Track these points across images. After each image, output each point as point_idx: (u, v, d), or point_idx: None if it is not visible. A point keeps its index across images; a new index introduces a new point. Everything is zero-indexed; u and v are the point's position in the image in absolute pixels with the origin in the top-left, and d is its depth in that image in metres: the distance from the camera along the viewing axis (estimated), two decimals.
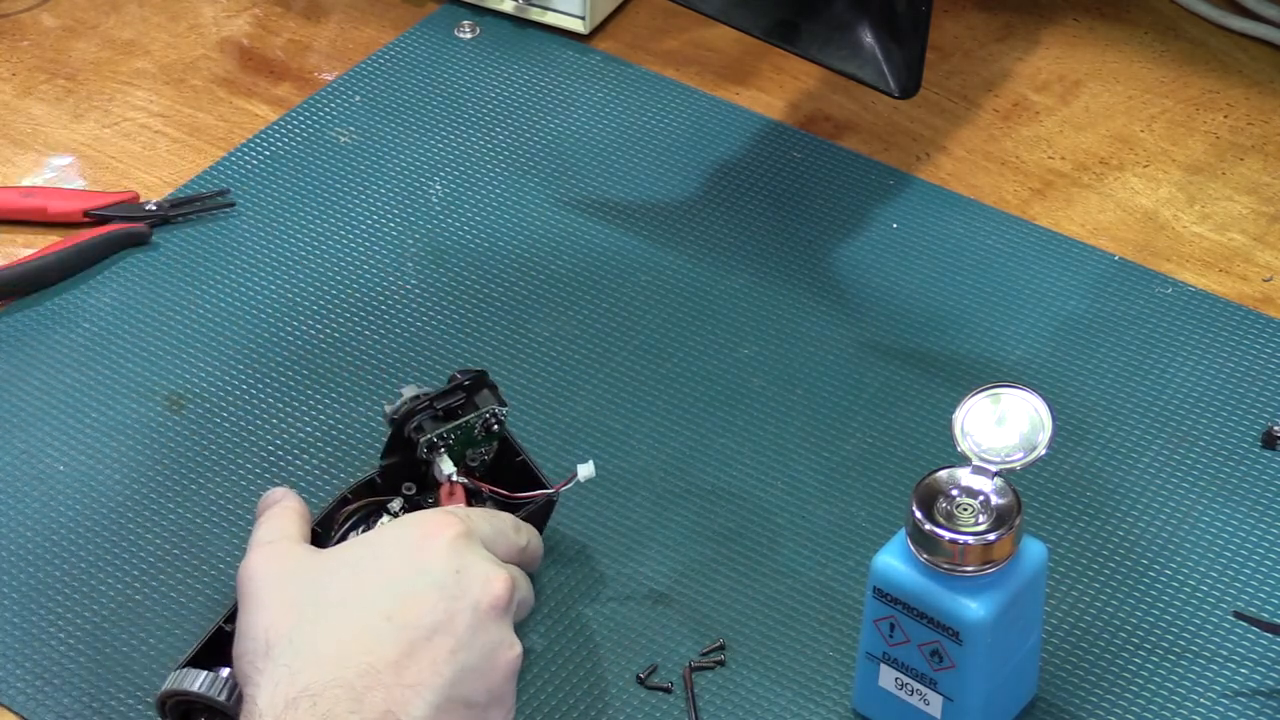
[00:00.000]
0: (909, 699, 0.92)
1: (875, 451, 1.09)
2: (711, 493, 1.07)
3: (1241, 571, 1.03)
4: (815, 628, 1.00)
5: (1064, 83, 1.36)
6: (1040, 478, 1.07)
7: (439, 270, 1.20)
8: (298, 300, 1.18)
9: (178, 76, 1.36)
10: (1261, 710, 0.96)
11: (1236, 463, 1.08)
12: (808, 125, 1.32)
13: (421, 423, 0.99)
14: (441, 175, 1.27)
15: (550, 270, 1.20)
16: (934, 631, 0.89)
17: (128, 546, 1.03)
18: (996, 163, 1.29)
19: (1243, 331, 1.16)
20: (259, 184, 1.26)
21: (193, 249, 1.22)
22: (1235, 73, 1.37)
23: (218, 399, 1.12)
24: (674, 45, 1.39)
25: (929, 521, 0.87)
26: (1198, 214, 1.25)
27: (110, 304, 1.18)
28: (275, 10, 1.42)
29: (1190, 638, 0.99)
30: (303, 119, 1.31)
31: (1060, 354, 1.15)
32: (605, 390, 1.13)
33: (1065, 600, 1.01)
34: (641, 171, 1.28)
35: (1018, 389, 0.89)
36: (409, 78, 1.35)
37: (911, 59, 1.14)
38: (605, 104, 1.33)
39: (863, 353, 1.15)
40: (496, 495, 1.01)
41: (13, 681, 0.97)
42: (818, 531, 1.05)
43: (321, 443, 1.09)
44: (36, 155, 1.29)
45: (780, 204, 1.25)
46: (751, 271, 1.20)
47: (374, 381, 1.13)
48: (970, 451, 0.88)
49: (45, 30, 1.40)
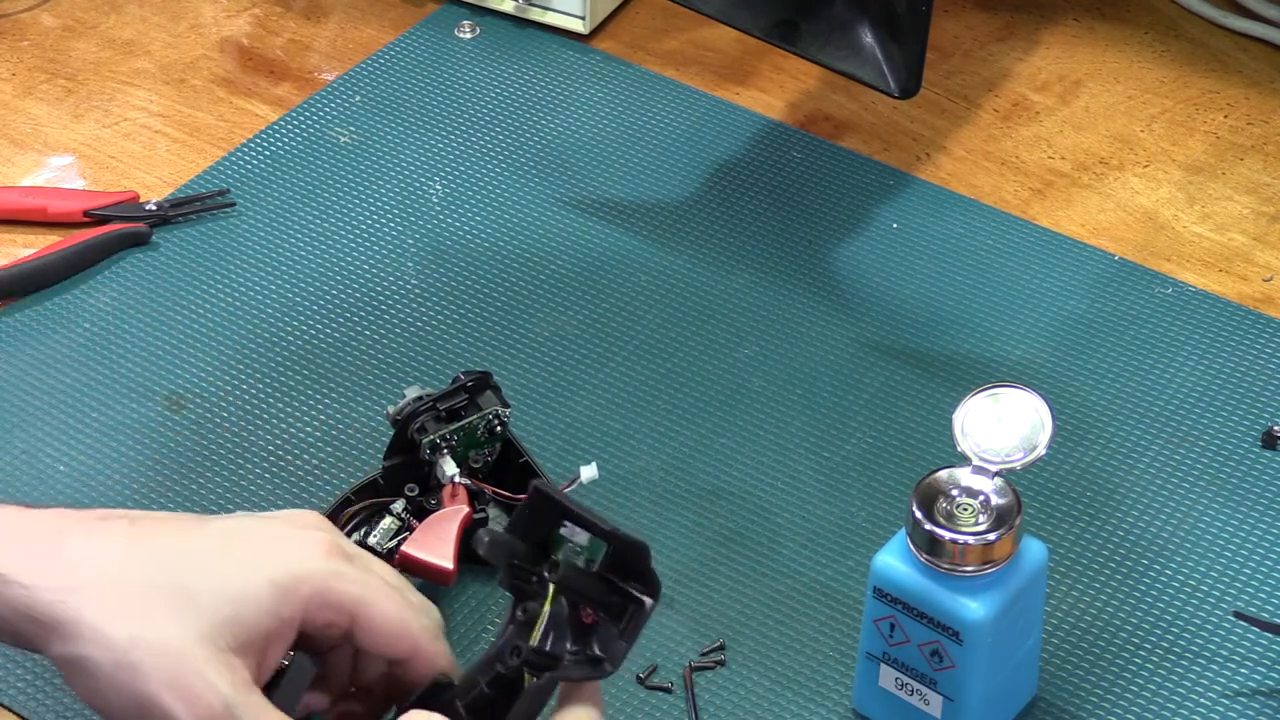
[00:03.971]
0: (909, 699, 0.92)
1: (875, 451, 1.09)
2: (711, 493, 1.07)
3: (1241, 571, 1.03)
4: (815, 628, 1.00)
5: (1064, 83, 1.36)
6: (1040, 478, 1.07)
7: (439, 270, 1.20)
8: (298, 300, 1.18)
9: (178, 76, 1.36)
10: (1261, 710, 0.96)
11: (1236, 463, 1.08)
12: (808, 125, 1.32)
13: (424, 424, 0.99)
14: (441, 175, 1.27)
15: (550, 270, 1.20)
16: (934, 631, 0.89)
17: None
18: (996, 163, 1.29)
19: (1243, 331, 1.16)
20: (259, 184, 1.26)
21: (193, 249, 1.22)
22: (1235, 73, 1.37)
23: (218, 399, 1.12)
24: (674, 45, 1.39)
25: (929, 521, 0.87)
26: (1198, 214, 1.25)
27: (110, 304, 1.18)
28: (275, 10, 1.42)
29: (1190, 638, 0.99)
30: (303, 119, 1.32)
31: (1060, 354, 1.15)
32: (605, 390, 1.13)
33: (1065, 600, 1.01)
34: (641, 171, 1.28)
35: (1018, 389, 0.89)
36: (409, 78, 1.35)
37: (911, 59, 1.14)
38: (605, 104, 1.33)
39: (863, 353, 1.15)
40: (499, 496, 1.01)
41: (13, 681, 0.97)
42: (818, 531, 1.05)
43: (321, 443, 1.09)
44: (36, 155, 1.29)
45: (780, 204, 1.25)
46: (751, 271, 1.20)
47: (374, 381, 1.13)
48: (970, 451, 0.88)
49: (45, 30, 1.40)
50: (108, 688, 0.79)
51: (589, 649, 0.82)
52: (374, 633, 0.84)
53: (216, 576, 0.81)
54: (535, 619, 0.82)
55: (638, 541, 0.82)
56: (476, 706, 0.82)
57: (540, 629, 0.82)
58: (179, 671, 0.78)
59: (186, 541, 0.84)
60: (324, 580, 0.83)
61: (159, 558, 0.82)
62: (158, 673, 0.78)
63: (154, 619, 0.79)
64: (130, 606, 0.80)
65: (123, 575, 0.81)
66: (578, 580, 0.82)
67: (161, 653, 0.79)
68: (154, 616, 0.80)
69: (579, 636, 0.82)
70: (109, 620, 0.79)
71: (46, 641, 0.81)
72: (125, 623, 0.79)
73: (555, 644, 0.82)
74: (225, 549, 0.83)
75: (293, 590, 0.82)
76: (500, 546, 0.82)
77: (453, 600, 1.00)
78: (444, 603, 1.00)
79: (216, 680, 0.78)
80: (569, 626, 0.82)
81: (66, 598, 0.80)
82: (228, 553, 0.83)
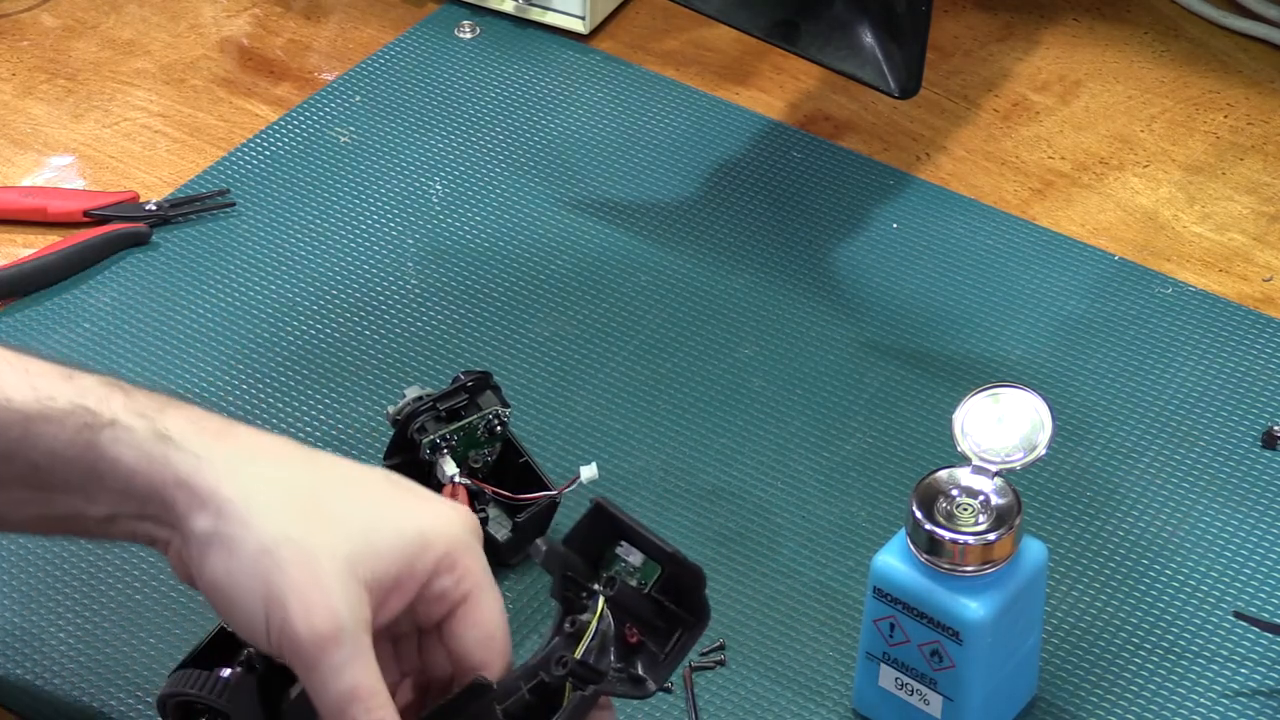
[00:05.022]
0: (909, 699, 0.92)
1: (875, 451, 1.09)
2: (711, 493, 1.07)
3: (1241, 571, 1.03)
4: (815, 628, 1.00)
5: (1064, 83, 1.36)
6: (1040, 478, 1.07)
7: (439, 270, 1.20)
8: (298, 300, 1.18)
9: (178, 76, 1.36)
10: (1261, 710, 0.96)
11: (1236, 463, 1.08)
12: (808, 125, 1.32)
13: (424, 424, 0.99)
14: (441, 175, 1.27)
15: (550, 270, 1.20)
16: (934, 631, 0.89)
17: (128, 546, 1.03)
18: (996, 163, 1.29)
19: (1243, 331, 1.16)
20: (259, 184, 1.26)
21: (193, 249, 1.22)
22: (1235, 73, 1.37)
23: (218, 399, 1.12)
24: (674, 45, 1.39)
25: (929, 521, 0.87)
26: (1198, 214, 1.25)
27: (110, 304, 1.18)
28: (275, 10, 1.42)
29: (1190, 638, 0.99)
30: (303, 119, 1.31)
31: (1060, 354, 1.15)
32: (605, 390, 1.13)
33: (1065, 600, 1.01)
34: (641, 171, 1.28)
35: (1018, 389, 0.89)
36: (409, 78, 1.35)
37: (911, 59, 1.14)
38: (605, 104, 1.33)
39: (863, 353, 1.15)
40: (499, 497, 1.01)
41: (13, 681, 0.97)
42: (818, 531, 1.05)
43: (322, 443, 1.09)
44: (36, 155, 1.29)
45: (780, 204, 1.25)
46: (751, 271, 1.20)
47: (374, 382, 1.13)
48: (970, 451, 0.88)
49: (45, 30, 1.40)
50: (243, 570, 0.79)
51: (631, 668, 0.83)
52: (474, 625, 0.83)
53: (371, 509, 0.82)
54: (582, 632, 0.82)
55: (696, 567, 0.83)
56: (515, 711, 0.82)
57: (586, 643, 0.82)
58: (312, 580, 0.79)
59: (352, 472, 0.85)
60: (461, 549, 0.83)
61: (325, 476, 0.84)
62: (293, 572, 0.79)
63: (306, 525, 0.80)
64: (289, 508, 0.81)
65: (290, 478, 0.82)
66: (629, 599, 0.83)
67: (304, 557, 0.79)
68: (307, 523, 0.80)
69: (622, 654, 0.83)
70: (265, 510, 0.80)
71: (188, 514, 0.81)
72: (280, 519, 0.80)
73: (599, 659, 0.83)
74: (384, 491, 0.84)
75: (431, 546, 0.82)
76: (556, 557, 0.83)
77: None
78: None
79: (339, 602, 0.79)
80: (614, 643, 0.83)
81: (237, 476, 0.81)
82: (385, 494, 0.84)
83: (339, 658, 0.78)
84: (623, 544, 0.84)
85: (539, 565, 0.82)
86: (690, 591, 0.84)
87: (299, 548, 0.79)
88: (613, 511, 0.84)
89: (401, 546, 0.81)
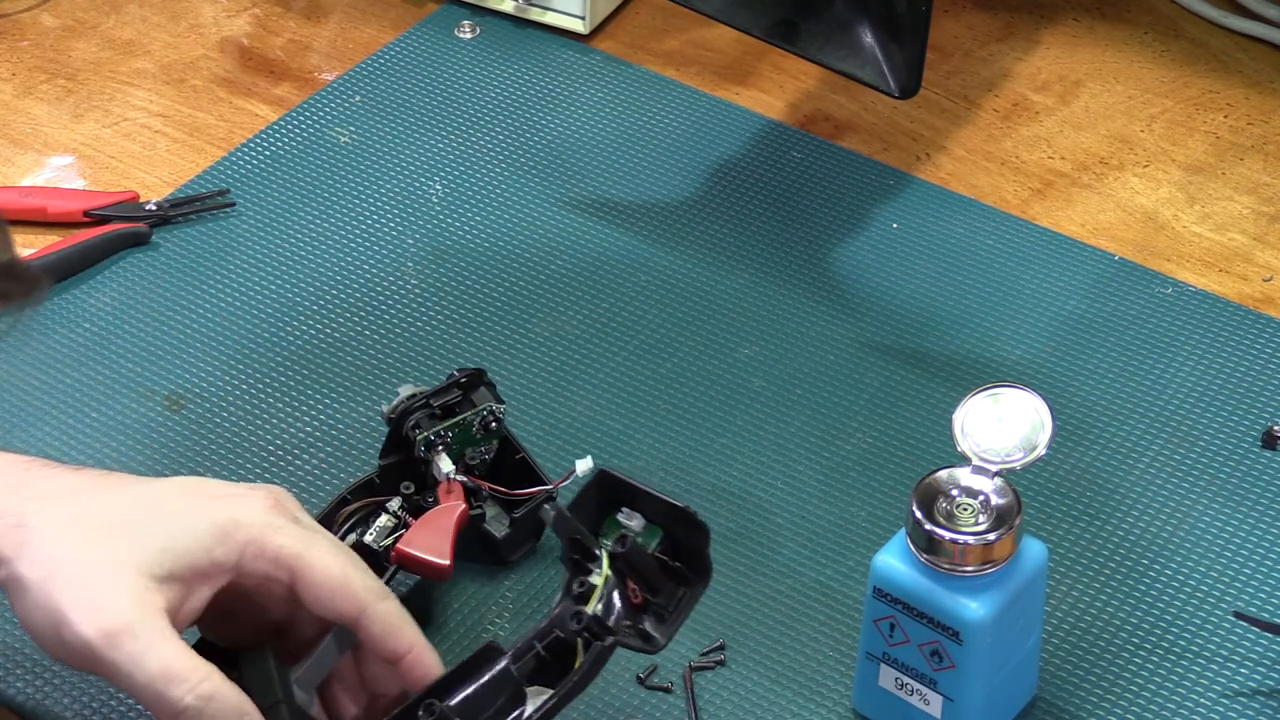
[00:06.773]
0: (909, 699, 0.92)
1: (875, 451, 1.09)
2: (711, 493, 1.07)
3: (1241, 571, 1.03)
4: (815, 628, 1.00)
5: (1064, 83, 1.36)
6: (1040, 478, 1.07)
7: (439, 270, 1.20)
8: (298, 300, 1.18)
9: (178, 76, 1.36)
10: (1261, 710, 0.96)
11: (1236, 463, 1.08)
12: (808, 125, 1.32)
13: (419, 421, 0.99)
14: (441, 175, 1.27)
15: (550, 270, 1.20)
16: (934, 631, 0.89)
17: None
18: (996, 163, 1.29)
19: (1243, 331, 1.16)
20: (259, 184, 1.26)
21: (193, 249, 1.22)
22: (1235, 73, 1.37)
23: (218, 399, 1.12)
24: (674, 45, 1.39)
25: (929, 521, 0.87)
26: (1198, 214, 1.25)
27: (110, 304, 1.18)
28: (275, 10, 1.42)
29: (1190, 638, 0.99)
30: (303, 119, 1.32)
31: (1060, 354, 1.15)
32: (605, 390, 1.13)
33: (1065, 600, 1.01)
34: (641, 171, 1.28)
35: (1018, 389, 0.89)
36: (409, 78, 1.35)
37: (911, 59, 1.14)
38: (605, 104, 1.33)
39: (863, 353, 1.15)
40: (496, 493, 1.01)
41: (12, 681, 0.97)
42: (818, 531, 1.05)
43: (321, 443, 1.09)
44: (36, 155, 1.29)
45: (780, 204, 1.25)
46: (751, 271, 1.20)
47: (374, 381, 1.13)
48: (970, 451, 0.88)
49: (45, 30, 1.40)
50: (32, 604, 0.83)
51: (639, 624, 0.88)
52: (314, 586, 0.86)
53: (160, 512, 0.86)
54: (591, 592, 0.86)
55: (704, 524, 0.88)
56: (529, 670, 0.85)
57: (597, 600, 0.86)
58: (90, 588, 0.82)
59: (144, 487, 0.88)
60: (262, 530, 0.86)
61: (115, 499, 0.87)
62: (71, 587, 0.82)
63: (92, 545, 0.83)
64: (77, 535, 0.84)
65: (80, 510, 0.86)
66: (638, 557, 0.87)
67: (82, 571, 0.83)
68: (94, 543, 0.84)
69: (629, 613, 0.88)
70: (53, 544, 0.84)
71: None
72: (65, 547, 0.84)
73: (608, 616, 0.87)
74: (178, 493, 0.88)
75: (230, 534, 0.85)
76: (566, 522, 0.87)
77: (450, 598, 1.00)
78: (441, 600, 1.00)
79: (121, 598, 0.82)
80: (621, 602, 0.87)
81: (25, 521, 0.84)
82: (178, 496, 0.88)
83: (135, 646, 0.81)
84: (624, 510, 0.89)
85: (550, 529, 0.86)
86: (696, 550, 0.88)
87: (78, 564, 0.83)
88: (619, 476, 0.88)
89: (196, 538, 0.84)
